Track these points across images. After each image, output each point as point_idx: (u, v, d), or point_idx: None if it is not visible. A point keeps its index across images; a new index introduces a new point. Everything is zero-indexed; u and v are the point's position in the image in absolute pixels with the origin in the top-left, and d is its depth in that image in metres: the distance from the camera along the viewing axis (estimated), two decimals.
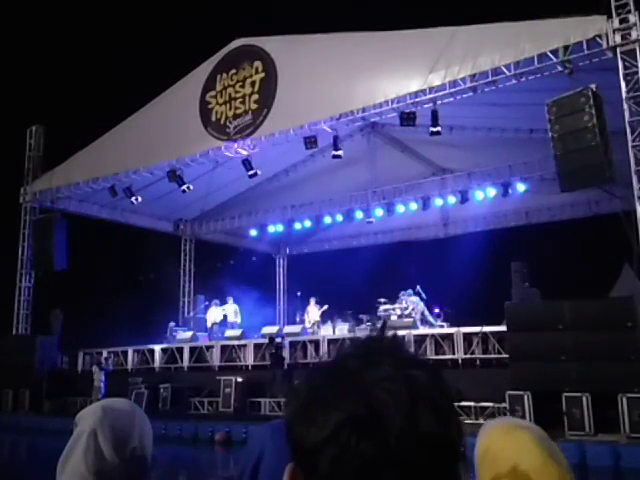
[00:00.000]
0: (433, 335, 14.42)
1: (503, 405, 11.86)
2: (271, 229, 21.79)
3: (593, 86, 11.44)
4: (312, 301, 18.93)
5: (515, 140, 16.28)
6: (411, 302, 17.15)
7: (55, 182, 19.77)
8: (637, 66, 11.37)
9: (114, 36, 29.93)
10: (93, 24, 31.02)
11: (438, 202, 18.91)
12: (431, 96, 13.63)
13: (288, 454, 0.74)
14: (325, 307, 18.58)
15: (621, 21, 11.49)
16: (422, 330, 15.40)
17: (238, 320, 19.36)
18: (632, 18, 11.42)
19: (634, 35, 11.38)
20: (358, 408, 0.67)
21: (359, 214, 19.77)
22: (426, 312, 17.12)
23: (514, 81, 12.81)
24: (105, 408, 1.33)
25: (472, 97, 13.53)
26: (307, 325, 18.40)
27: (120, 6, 30.97)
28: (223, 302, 19.65)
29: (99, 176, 18.76)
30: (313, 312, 18.75)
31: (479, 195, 18.04)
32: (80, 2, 29.57)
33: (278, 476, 0.76)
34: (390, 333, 0.77)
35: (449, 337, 14.05)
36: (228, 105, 16.87)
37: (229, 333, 18.16)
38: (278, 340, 16.01)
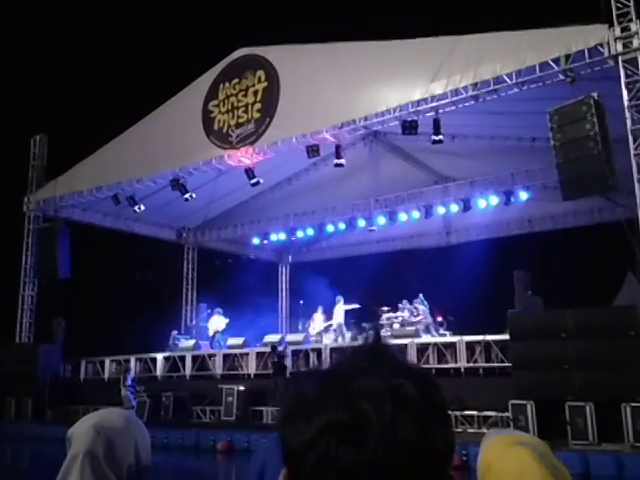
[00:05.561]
0: (436, 344, 14.38)
1: (506, 414, 11.80)
2: (274, 237, 21.80)
3: (595, 94, 11.45)
4: (319, 310, 18.88)
5: (517, 148, 16.28)
6: (422, 311, 17.07)
7: (58, 191, 19.83)
8: (639, 74, 11.38)
9: (117, 46, 30.09)
10: (96, 34, 31.21)
11: (440, 210, 18.90)
12: (433, 105, 13.66)
13: None
14: (332, 322, 18.45)
15: (622, 30, 11.52)
16: (425, 339, 15.37)
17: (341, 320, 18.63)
18: (633, 27, 11.44)
19: (635, 43, 11.40)
20: (340, 414, 0.68)
21: (361, 222, 19.77)
22: (430, 323, 17.07)
23: (516, 90, 12.83)
24: (98, 427, 1.28)
25: (474, 106, 13.55)
26: (311, 333, 18.34)
27: (123, 16, 31.15)
28: (225, 310, 19.57)
29: (102, 185, 18.81)
30: (318, 321, 18.70)
31: (481, 203, 18.03)
32: (83, 12, 29.76)
33: None
34: (383, 342, 0.78)
35: (452, 346, 14.01)
36: (231, 114, 16.93)
37: (231, 341, 18.14)
38: (280, 349, 15.98)
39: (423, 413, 0.69)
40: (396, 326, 16.96)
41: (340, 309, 18.27)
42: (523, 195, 17.20)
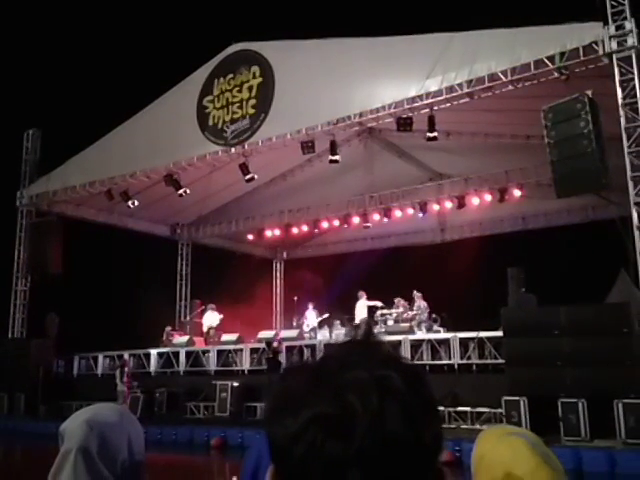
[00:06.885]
0: (429, 340, 14.41)
1: (499, 410, 11.84)
2: (268, 233, 21.77)
3: (589, 92, 11.48)
4: (310, 306, 18.88)
5: (511, 146, 16.32)
6: (416, 307, 16.95)
7: (52, 186, 19.73)
8: (633, 72, 11.42)
9: (111, 40, 29.95)
10: (90, 28, 31.03)
11: (435, 207, 18.92)
12: (428, 101, 13.66)
13: None
14: (325, 315, 18.45)
15: (617, 28, 11.54)
16: (419, 335, 15.39)
17: None
18: (628, 25, 11.47)
19: (630, 42, 11.43)
20: (326, 407, 0.68)
21: (356, 219, 19.78)
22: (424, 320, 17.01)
23: (510, 87, 12.85)
24: (91, 422, 1.28)
25: (469, 103, 13.57)
26: (305, 329, 18.34)
27: (117, 11, 31.01)
28: (219, 306, 19.54)
29: (96, 180, 18.73)
30: (311, 317, 18.70)
31: (476, 200, 18.07)
32: (76, 7, 29.58)
33: None
34: (371, 336, 0.79)
35: (445, 342, 14.03)
36: (225, 110, 16.89)
37: (225, 337, 18.13)
38: (275, 345, 15.98)
39: (410, 405, 0.69)
40: (390, 323, 16.96)
41: (362, 305, 17.76)
42: (517, 192, 17.23)
